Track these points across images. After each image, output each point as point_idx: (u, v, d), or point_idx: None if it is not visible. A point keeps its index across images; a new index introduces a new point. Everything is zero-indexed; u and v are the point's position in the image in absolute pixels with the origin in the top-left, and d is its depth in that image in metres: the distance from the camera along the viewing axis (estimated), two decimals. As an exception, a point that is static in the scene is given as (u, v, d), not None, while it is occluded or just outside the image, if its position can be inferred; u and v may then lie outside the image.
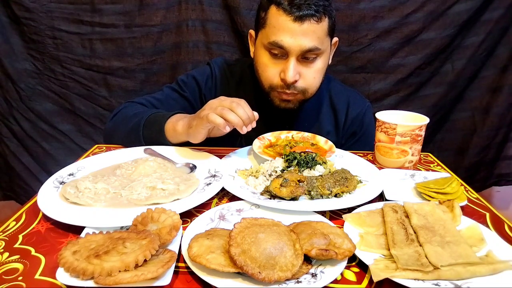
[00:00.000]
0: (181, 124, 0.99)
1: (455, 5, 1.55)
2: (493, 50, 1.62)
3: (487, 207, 0.86)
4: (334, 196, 0.84)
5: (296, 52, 1.05)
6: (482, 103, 1.70)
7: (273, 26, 1.05)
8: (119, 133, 1.14)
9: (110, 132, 1.18)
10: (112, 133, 1.17)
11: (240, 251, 0.57)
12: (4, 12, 1.53)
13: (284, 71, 1.07)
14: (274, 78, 1.10)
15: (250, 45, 1.23)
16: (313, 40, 1.04)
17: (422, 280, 0.58)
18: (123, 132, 1.12)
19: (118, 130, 1.15)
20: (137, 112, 1.13)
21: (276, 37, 1.04)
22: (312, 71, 1.10)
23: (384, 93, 1.70)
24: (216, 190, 0.83)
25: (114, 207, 0.77)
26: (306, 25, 1.02)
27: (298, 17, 1.01)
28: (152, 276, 0.53)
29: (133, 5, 1.55)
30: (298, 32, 1.02)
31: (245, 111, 0.90)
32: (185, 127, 0.97)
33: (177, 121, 1.01)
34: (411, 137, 1.00)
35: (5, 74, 1.60)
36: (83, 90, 1.66)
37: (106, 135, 1.20)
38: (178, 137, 1.01)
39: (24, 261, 0.62)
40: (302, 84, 1.10)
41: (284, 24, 1.02)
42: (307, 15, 1.01)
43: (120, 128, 1.14)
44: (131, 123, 1.09)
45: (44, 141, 1.71)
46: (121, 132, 1.13)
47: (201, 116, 0.91)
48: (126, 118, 1.13)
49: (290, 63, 1.05)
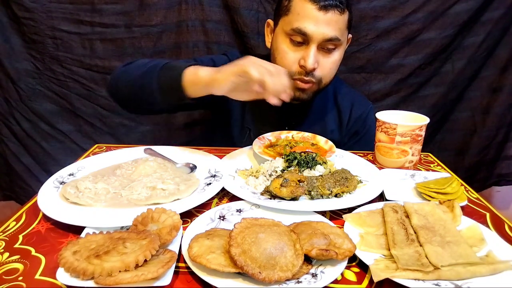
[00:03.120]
0: (206, 69, 0.92)
1: (455, 5, 1.54)
2: (493, 50, 1.62)
3: (487, 207, 0.86)
4: (334, 196, 0.84)
5: (318, 40, 1.06)
6: (482, 103, 1.70)
7: (297, 13, 1.06)
8: (129, 76, 1.05)
9: (119, 75, 1.09)
10: (120, 76, 1.08)
11: (240, 251, 0.57)
12: (4, 12, 1.53)
13: (304, 58, 1.08)
14: (293, 65, 1.11)
15: (266, 35, 1.24)
16: (335, 30, 1.06)
17: (422, 280, 0.58)
18: (134, 75, 1.03)
19: (129, 73, 1.06)
20: (154, 60, 1.06)
21: (300, 23, 1.05)
22: (330, 61, 1.12)
23: (384, 93, 1.69)
24: (216, 190, 0.83)
25: (114, 207, 0.77)
26: (330, 15, 1.04)
27: (323, 6, 1.03)
28: (153, 276, 0.53)
29: (133, 5, 1.55)
30: (322, 20, 1.04)
31: (282, 82, 0.87)
32: (211, 71, 0.91)
33: (200, 67, 0.94)
34: (411, 137, 1.00)
35: (5, 74, 1.59)
36: (83, 90, 1.66)
37: (114, 78, 1.10)
38: (198, 84, 0.93)
39: (24, 261, 0.62)
40: (319, 73, 1.12)
41: (309, 12, 1.04)
42: (331, 5, 1.04)
43: (132, 71, 1.05)
44: (145, 67, 1.02)
45: (44, 141, 1.70)
46: (132, 75, 1.04)
47: (237, 63, 0.87)
48: (140, 64, 1.06)
49: (311, 50, 1.07)
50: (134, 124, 1.74)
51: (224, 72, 0.88)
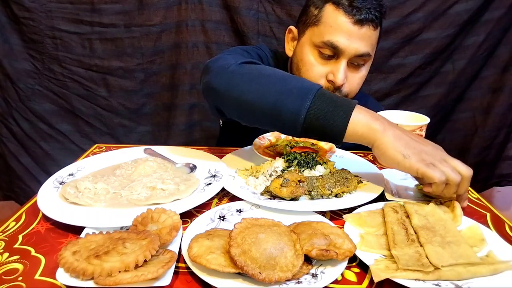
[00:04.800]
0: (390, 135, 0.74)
1: (456, 4, 1.55)
2: (493, 50, 1.63)
3: (487, 207, 0.86)
4: (334, 196, 0.84)
5: (350, 55, 1.01)
6: (483, 103, 1.70)
7: (330, 25, 1.01)
8: (249, 88, 0.80)
9: (230, 78, 0.83)
10: (233, 82, 0.82)
11: (240, 252, 0.57)
12: (4, 12, 1.53)
13: (333, 72, 1.03)
14: (320, 79, 1.06)
15: (287, 42, 1.18)
16: (367, 45, 1.02)
17: (422, 281, 0.58)
18: (260, 92, 0.79)
19: (249, 84, 0.81)
20: (286, 74, 0.83)
21: (332, 36, 1.00)
22: (358, 77, 1.08)
23: (384, 93, 1.70)
24: (216, 190, 0.83)
25: (114, 207, 0.77)
26: (364, 30, 1.00)
27: (359, 20, 0.98)
28: (152, 276, 0.53)
29: (133, 5, 1.55)
30: (356, 35, 0.99)
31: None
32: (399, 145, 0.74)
33: (375, 121, 0.75)
34: (412, 137, 1.00)
35: (4, 74, 1.60)
36: (82, 90, 1.66)
37: (219, 78, 0.85)
38: (367, 144, 0.76)
39: (24, 261, 0.62)
40: (347, 89, 1.07)
41: (343, 25, 0.99)
42: (367, 20, 0.99)
43: (256, 84, 0.80)
44: (280, 87, 0.78)
45: (43, 141, 1.71)
46: (256, 92, 0.79)
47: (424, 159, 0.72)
48: (267, 74, 0.82)
49: (341, 65, 1.02)
50: (133, 124, 1.74)
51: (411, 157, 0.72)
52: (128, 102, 1.70)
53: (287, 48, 1.18)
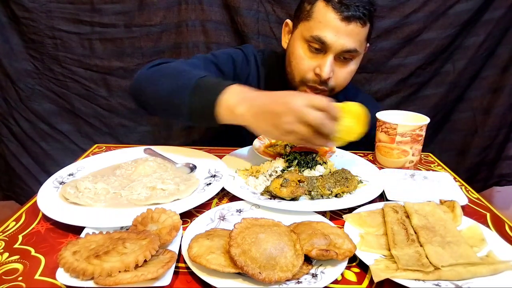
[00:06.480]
0: (244, 105, 0.82)
1: (456, 5, 1.54)
2: (494, 50, 1.62)
3: (487, 207, 0.86)
4: (334, 196, 0.84)
5: (336, 50, 1.05)
6: (483, 103, 1.70)
7: (319, 21, 1.05)
8: (156, 86, 0.96)
9: (145, 79, 1.00)
10: (146, 82, 0.99)
11: (240, 252, 0.57)
12: (4, 12, 1.53)
13: (320, 66, 1.07)
14: (308, 72, 1.10)
15: (283, 35, 1.23)
16: (354, 42, 1.05)
17: (422, 281, 0.58)
18: (163, 87, 0.94)
19: (156, 82, 0.97)
20: (184, 65, 0.98)
21: (321, 32, 1.04)
22: (345, 71, 1.12)
23: (384, 93, 1.69)
24: (216, 190, 0.83)
25: (114, 207, 0.77)
26: (352, 26, 1.03)
27: (346, 17, 1.02)
28: (152, 276, 0.53)
29: (133, 5, 1.55)
30: (343, 31, 1.03)
31: (334, 127, 0.81)
32: (250, 110, 0.82)
33: (237, 98, 0.83)
34: (412, 137, 1.00)
35: (4, 74, 1.59)
36: (82, 90, 1.66)
37: (138, 81, 1.02)
38: (234, 121, 0.85)
39: (24, 261, 0.62)
40: (333, 83, 1.11)
41: (331, 21, 1.02)
42: (355, 17, 1.02)
43: (161, 81, 0.96)
44: (175, 81, 0.92)
45: (43, 141, 1.70)
46: (160, 86, 0.95)
47: (285, 103, 0.78)
48: (169, 72, 0.97)
49: (328, 59, 1.06)
50: (133, 124, 1.74)
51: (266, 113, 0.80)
52: (128, 102, 1.69)
53: (283, 41, 1.23)
